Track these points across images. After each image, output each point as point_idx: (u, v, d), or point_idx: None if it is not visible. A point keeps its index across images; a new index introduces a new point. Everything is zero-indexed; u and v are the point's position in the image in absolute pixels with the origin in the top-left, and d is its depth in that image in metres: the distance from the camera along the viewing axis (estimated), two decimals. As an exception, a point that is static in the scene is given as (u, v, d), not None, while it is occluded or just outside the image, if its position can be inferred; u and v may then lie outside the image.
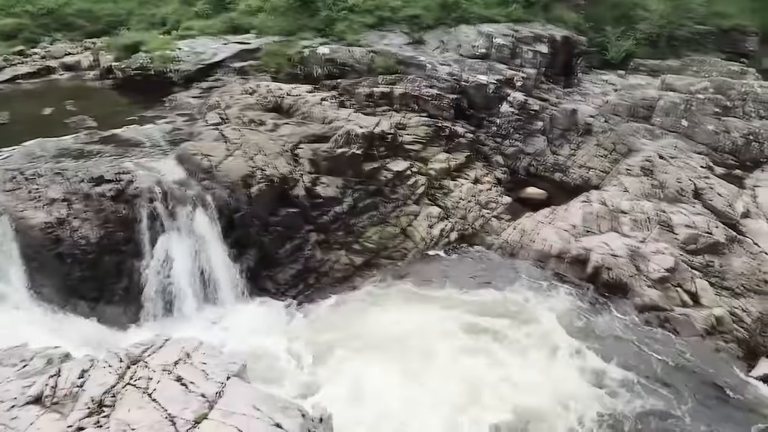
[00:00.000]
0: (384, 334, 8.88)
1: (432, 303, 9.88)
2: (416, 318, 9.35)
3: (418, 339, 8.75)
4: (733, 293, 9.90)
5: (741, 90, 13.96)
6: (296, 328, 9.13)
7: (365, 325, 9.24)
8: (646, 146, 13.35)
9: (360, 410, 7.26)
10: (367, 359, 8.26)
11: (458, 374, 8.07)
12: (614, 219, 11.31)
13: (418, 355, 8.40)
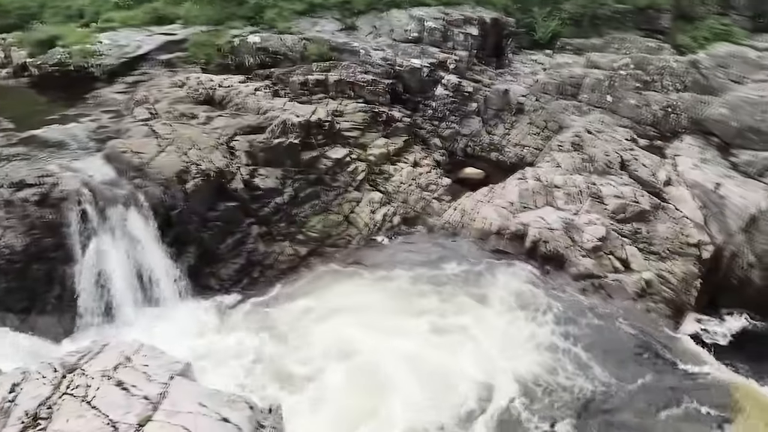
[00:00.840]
0: (330, 323, 8.94)
1: (378, 285, 10.00)
2: (362, 302, 9.46)
3: (365, 322, 8.87)
4: (659, 257, 10.52)
5: (658, 65, 14.71)
6: (240, 323, 9.03)
7: (310, 315, 9.25)
8: (575, 122, 13.89)
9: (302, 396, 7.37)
10: (312, 351, 8.31)
11: (403, 349, 8.25)
12: (549, 194, 11.74)
13: (364, 339, 8.52)
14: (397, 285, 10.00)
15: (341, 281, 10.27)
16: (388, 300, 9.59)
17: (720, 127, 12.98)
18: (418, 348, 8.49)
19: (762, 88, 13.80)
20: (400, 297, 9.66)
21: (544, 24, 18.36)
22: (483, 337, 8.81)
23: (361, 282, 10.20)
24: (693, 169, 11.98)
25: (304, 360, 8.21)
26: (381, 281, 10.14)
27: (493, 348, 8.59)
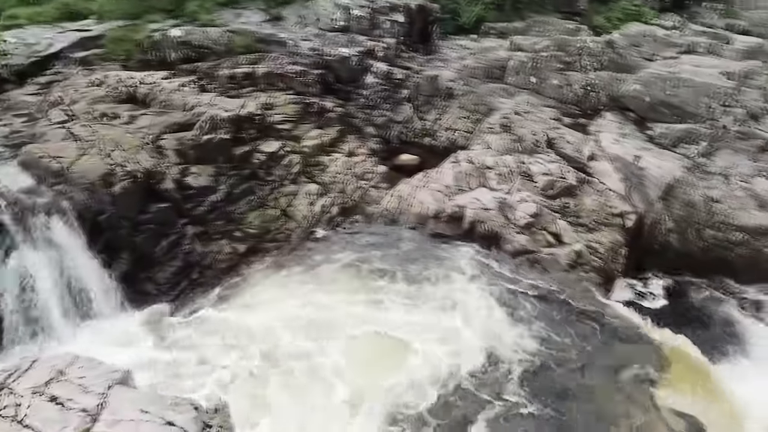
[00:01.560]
0: (273, 317, 8.89)
1: (318, 278, 10.00)
2: (305, 295, 9.45)
3: (308, 314, 8.91)
4: (588, 229, 11.07)
5: (577, 46, 15.36)
6: (180, 328, 8.80)
7: (252, 312, 9.15)
8: (503, 105, 14.31)
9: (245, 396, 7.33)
10: (253, 349, 8.26)
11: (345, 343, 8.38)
12: (482, 175, 12.07)
13: (307, 331, 8.55)
14: (337, 275, 10.02)
15: (281, 277, 10.17)
16: (328, 292, 9.59)
17: (636, 102, 13.74)
18: (366, 337, 8.60)
19: (671, 65, 14.70)
20: (341, 287, 9.69)
21: (468, 9, 18.76)
22: (430, 315, 9.03)
23: (301, 276, 10.14)
24: (614, 143, 12.63)
25: (245, 360, 8.12)
26: (321, 273, 10.12)
27: (437, 326, 8.83)
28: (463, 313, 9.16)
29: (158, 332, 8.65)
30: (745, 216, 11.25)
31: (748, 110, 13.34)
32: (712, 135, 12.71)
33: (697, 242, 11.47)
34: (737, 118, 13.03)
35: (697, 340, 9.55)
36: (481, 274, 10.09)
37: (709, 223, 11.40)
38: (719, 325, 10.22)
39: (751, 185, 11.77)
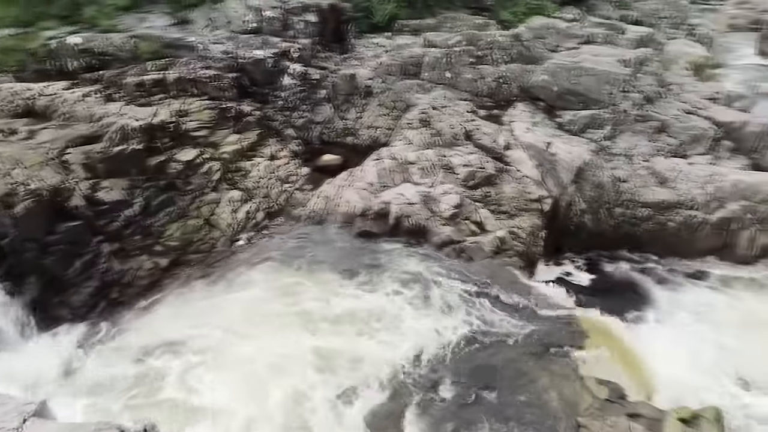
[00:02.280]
0: (199, 330, 8.65)
1: (248, 284, 9.81)
2: (231, 305, 9.24)
3: (237, 325, 8.75)
4: (508, 215, 11.52)
5: (487, 40, 15.89)
6: (99, 351, 8.36)
7: (171, 328, 8.83)
8: (420, 100, 14.58)
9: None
10: (185, 362, 8.00)
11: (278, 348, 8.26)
12: (405, 171, 12.26)
13: (233, 339, 8.38)
14: (264, 283, 9.85)
15: (204, 289, 9.89)
16: (255, 301, 9.42)
17: (544, 92, 14.42)
18: (299, 342, 8.52)
19: (573, 55, 15.54)
20: (269, 294, 9.55)
21: (380, 7, 18.90)
22: (359, 310, 9.09)
23: (225, 287, 9.88)
24: (527, 132, 13.20)
25: (166, 378, 7.84)
26: (246, 282, 9.91)
27: (374, 321, 8.91)
28: (392, 305, 9.30)
29: (75, 357, 8.16)
30: (649, 193, 12.11)
31: (644, 94, 14.35)
32: (615, 119, 13.57)
33: (608, 220, 12.22)
34: (635, 102, 13.99)
35: (612, 311, 10.23)
36: (409, 268, 10.26)
37: (618, 201, 12.18)
38: (631, 295, 10.96)
39: (652, 164, 12.69)
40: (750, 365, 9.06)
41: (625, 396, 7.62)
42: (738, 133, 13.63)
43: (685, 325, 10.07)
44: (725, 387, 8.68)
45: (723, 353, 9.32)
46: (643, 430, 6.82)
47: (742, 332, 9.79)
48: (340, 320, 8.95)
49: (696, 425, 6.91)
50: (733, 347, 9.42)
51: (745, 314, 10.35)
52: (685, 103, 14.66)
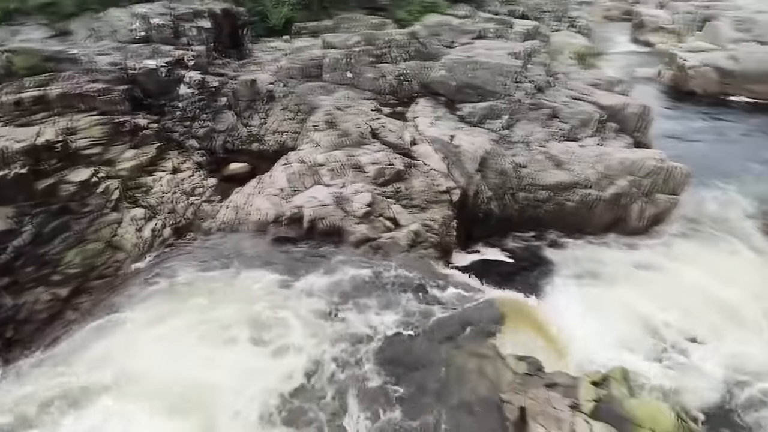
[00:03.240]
0: (107, 360, 8.16)
1: (161, 306, 9.34)
2: (134, 336, 8.78)
3: (152, 350, 8.31)
4: (420, 209, 11.79)
5: (385, 39, 16.18)
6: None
7: (72, 362, 8.27)
8: (324, 102, 14.56)
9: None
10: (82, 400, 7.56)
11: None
12: (315, 173, 12.20)
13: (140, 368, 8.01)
14: (174, 304, 9.40)
15: (106, 319, 9.29)
16: (164, 324, 8.99)
17: (443, 87, 14.90)
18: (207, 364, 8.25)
19: (467, 50, 16.17)
20: (178, 314, 9.14)
21: (276, 11, 18.69)
22: (277, 314, 8.96)
23: (130, 312, 9.33)
24: (430, 126, 13.58)
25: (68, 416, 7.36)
26: (149, 307, 9.42)
27: (294, 324, 8.82)
28: (314, 307, 9.26)
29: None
30: (547, 176, 12.86)
31: (535, 84, 15.22)
32: (511, 109, 14.29)
33: (513, 205, 12.86)
34: (528, 91, 14.81)
35: (524, 289, 10.82)
36: (328, 269, 10.24)
37: (520, 186, 12.84)
38: (540, 273, 11.60)
39: (547, 149, 13.49)
40: (648, 322, 9.92)
41: (542, 368, 8.04)
42: (621, 115, 14.83)
43: (590, 295, 10.81)
44: (628, 348, 9.44)
45: (623, 317, 10.12)
46: (561, 397, 7.23)
47: (639, 295, 10.69)
48: (258, 329, 8.74)
49: (606, 386, 7.44)
50: (631, 309, 10.25)
51: (641, 279, 11.29)
52: (572, 90, 15.72)
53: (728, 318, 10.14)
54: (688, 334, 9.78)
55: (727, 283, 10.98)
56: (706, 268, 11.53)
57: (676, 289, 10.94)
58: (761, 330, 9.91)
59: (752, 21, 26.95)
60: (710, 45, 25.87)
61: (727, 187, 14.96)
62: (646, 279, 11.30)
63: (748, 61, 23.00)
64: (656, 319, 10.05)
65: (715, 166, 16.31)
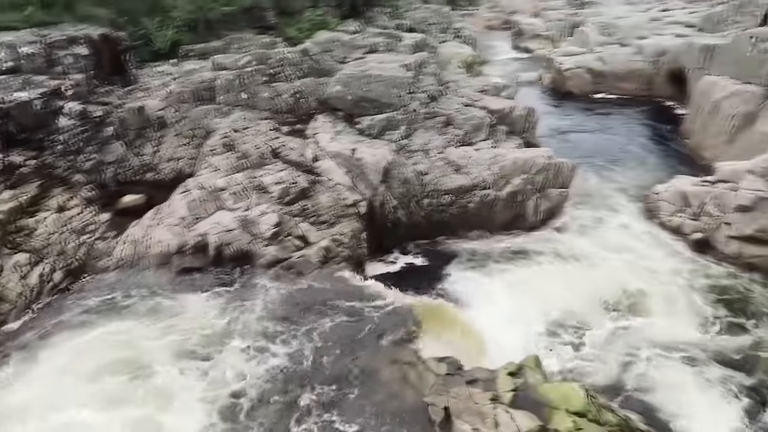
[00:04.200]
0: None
1: (54, 352, 8.60)
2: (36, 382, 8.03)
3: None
4: (329, 224, 11.78)
5: (277, 58, 16.02)
6: None
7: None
8: (220, 124, 14.17)
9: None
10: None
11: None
12: (217, 198, 11.82)
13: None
14: (67, 356, 8.70)
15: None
16: (57, 379, 8.29)
17: (340, 102, 15.02)
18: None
19: (360, 64, 16.43)
20: (72, 367, 8.47)
21: (160, 34, 17.95)
22: (197, 346, 8.54)
23: (19, 366, 8.53)
24: (331, 142, 13.63)
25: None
26: (48, 358, 8.67)
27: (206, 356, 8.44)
28: (229, 335, 8.95)
29: None
30: (448, 181, 13.34)
31: (428, 94, 15.78)
32: (408, 119, 14.69)
33: (419, 212, 13.20)
34: (422, 101, 15.32)
35: (437, 291, 11.13)
36: (243, 297, 9.95)
37: (424, 193, 13.21)
38: (451, 274, 11.98)
39: (446, 155, 14.00)
40: (553, 311, 10.54)
41: (462, 367, 8.29)
42: (509, 118, 15.72)
43: (498, 291, 11.31)
44: (539, 335, 9.99)
45: (532, 307, 10.69)
46: (481, 392, 7.49)
47: (542, 285, 11.34)
48: (174, 361, 8.31)
49: (522, 374, 7.81)
50: (537, 300, 10.86)
51: (541, 270, 11.98)
52: (463, 98, 16.46)
53: (618, 299, 11.02)
54: (585, 317, 10.51)
55: (613, 267, 11.97)
56: (595, 256, 12.48)
57: (575, 277, 11.75)
58: (647, 307, 10.86)
59: (614, 26, 29.73)
60: (581, 49, 28.18)
61: (610, 174, 16.32)
62: (547, 270, 12.03)
63: (613, 62, 25.30)
64: (560, 307, 10.71)
65: (598, 155, 17.77)
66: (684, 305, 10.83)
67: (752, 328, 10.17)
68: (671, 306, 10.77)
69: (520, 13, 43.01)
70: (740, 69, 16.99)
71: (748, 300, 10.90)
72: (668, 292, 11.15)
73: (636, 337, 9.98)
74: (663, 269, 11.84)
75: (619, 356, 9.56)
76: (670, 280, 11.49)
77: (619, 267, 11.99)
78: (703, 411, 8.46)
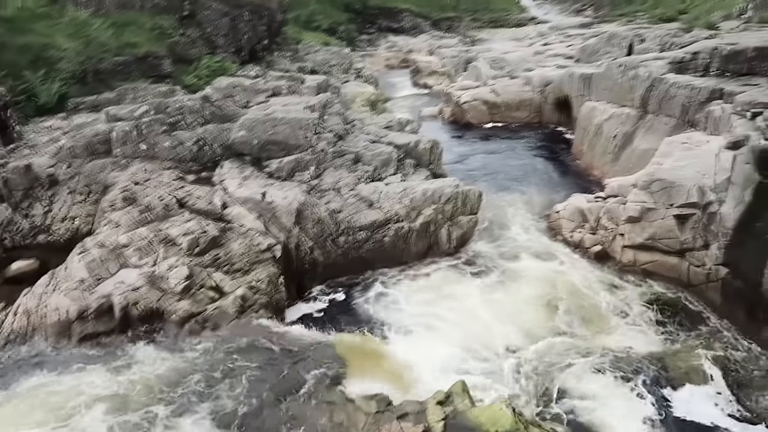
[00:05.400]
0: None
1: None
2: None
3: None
4: (243, 272, 11.41)
5: (176, 106, 15.60)
6: None
7: None
8: (118, 178, 13.46)
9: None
10: None
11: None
12: (120, 256, 11.12)
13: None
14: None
15: None
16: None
17: (246, 146, 14.82)
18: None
19: (264, 108, 16.40)
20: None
21: (45, 88, 16.96)
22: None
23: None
24: (240, 187, 13.35)
25: None
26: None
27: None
28: (142, 399, 8.32)
29: None
30: (362, 217, 13.44)
31: (335, 133, 15.99)
32: (316, 159, 14.74)
33: (336, 250, 13.15)
34: (329, 141, 15.47)
35: (360, 327, 11.07)
36: (149, 356, 9.33)
37: (339, 231, 13.21)
38: (371, 309, 11.97)
39: (357, 191, 14.14)
40: (474, 335, 10.79)
41: (391, 402, 8.20)
42: (415, 152, 16.22)
43: (420, 320, 11.43)
44: (462, 360, 10.14)
45: (454, 333, 10.88)
46: (413, 425, 7.44)
47: (461, 311, 11.61)
48: None
49: (450, 402, 7.85)
50: (459, 326, 11.08)
51: (458, 296, 12.27)
52: (369, 135, 16.83)
53: (535, 315, 11.50)
54: (505, 337, 10.85)
55: (527, 286, 12.53)
56: (508, 277, 13.00)
57: (491, 299, 12.14)
58: (562, 321, 11.41)
59: (503, 60, 31.87)
60: (475, 82, 29.87)
61: (514, 197, 17.16)
62: (465, 294, 12.33)
63: (506, 93, 27.00)
64: (481, 330, 10.99)
65: (501, 180, 18.71)
66: (595, 315, 11.48)
67: (658, 334, 10.94)
68: (584, 318, 11.38)
69: (416, 51, 45.06)
70: (615, 94, 18.73)
71: (651, 305, 11.74)
72: (580, 304, 11.79)
73: (553, 350, 10.40)
74: (572, 283, 12.52)
75: (541, 371, 9.89)
76: (579, 293, 12.16)
77: (532, 285, 12.54)
78: (623, 415, 8.93)
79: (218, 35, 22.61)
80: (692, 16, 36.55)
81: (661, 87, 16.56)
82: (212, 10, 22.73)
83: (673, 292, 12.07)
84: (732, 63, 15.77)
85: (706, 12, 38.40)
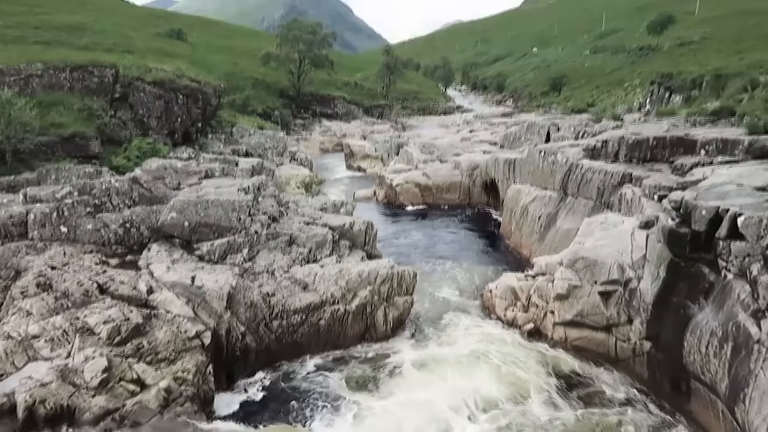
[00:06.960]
0: None
1: None
2: None
3: None
4: (169, 361, 10.67)
5: (103, 188, 15.07)
6: None
7: None
8: (33, 262, 12.56)
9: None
10: None
11: None
12: (28, 348, 10.15)
13: None
14: None
15: None
16: None
17: (176, 229, 14.36)
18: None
19: (196, 190, 16.14)
20: None
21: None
22: None
23: None
24: (168, 271, 12.78)
25: None
26: None
27: None
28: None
29: None
30: (297, 300, 13.12)
31: (269, 215, 15.86)
32: (249, 241, 14.47)
33: (269, 335, 12.65)
34: (263, 223, 15.30)
35: (293, 417, 10.49)
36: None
37: (273, 315, 12.78)
38: (306, 396, 11.44)
39: (291, 274, 13.90)
40: (413, 418, 10.46)
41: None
42: (350, 233, 16.31)
43: (358, 406, 11.00)
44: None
45: (395, 417, 10.51)
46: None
47: (399, 395, 11.30)
48: None
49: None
50: (400, 409, 10.73)
51: (396, 380, 11.99)
52: (304, 216, 16.83)
53: (474, 397, 11.37)
54: (444, 420, 10.61)
55: (467, 367, 12.47)
56: (447, 358, 12.90)
57: (429, 381, 11.93)
58: (502, 398, 11.34)
59: (433, 145, 33.48)
60: (407, 166, 31.00)
61: (448, 276, 17.42)
62: (403, 378, 12.08)
63: (436, 176, 28.14)
64: (420, 413, 10.69)
65: (435, 259, 19.02)
66: (531, 391, 11.50)
67: (583, 408, 11.06)
68: (521, 395, 11.36)
69: (350, 136, 46.58)
70: (537, 178, 19.96)
71: (582, 382, 11.93)
72: (516, 382, 11.79)
73: (494, 426, 10.24)
74: (508, 361, 12.58)
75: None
76: (515, 371, 12.20)
77: (470, 366, 12.48)
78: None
79: (151, 117, 22.46)
80: (599, 108, 40.47)
81: (578, 171, 17.84)
82: (146, 93, 22.68)
83: (604, 368, 12.36)
84: (637, 150, 17.34)
85: (611, 105, 42.71)
